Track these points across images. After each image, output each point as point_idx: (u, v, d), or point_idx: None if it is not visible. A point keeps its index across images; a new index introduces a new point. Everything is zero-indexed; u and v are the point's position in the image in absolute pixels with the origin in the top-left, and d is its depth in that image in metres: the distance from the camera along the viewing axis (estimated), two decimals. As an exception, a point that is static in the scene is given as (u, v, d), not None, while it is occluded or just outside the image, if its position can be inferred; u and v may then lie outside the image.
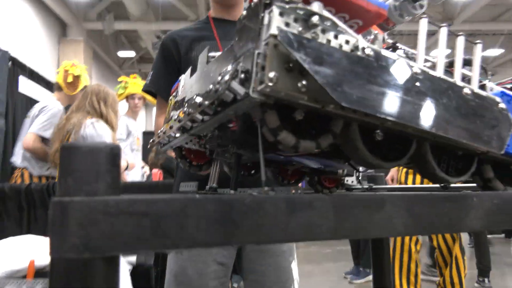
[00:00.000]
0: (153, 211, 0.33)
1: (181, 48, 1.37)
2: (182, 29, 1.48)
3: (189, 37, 1.39)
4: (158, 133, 0.80)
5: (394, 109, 0.42)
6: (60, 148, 0.33)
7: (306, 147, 0.44)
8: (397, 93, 0.42)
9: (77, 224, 0.31)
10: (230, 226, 0.35)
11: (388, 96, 0.42)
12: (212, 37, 1.38)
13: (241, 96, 0.41)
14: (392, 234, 0.43)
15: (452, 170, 0.55)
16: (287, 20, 0.40)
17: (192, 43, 1.37)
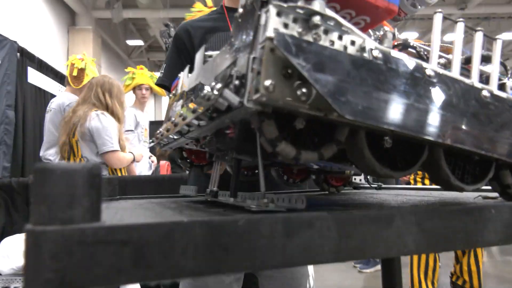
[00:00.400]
0: (134, 238, 0.30)
1: (195, 40, 1.33)
2: (195, 19, 1.43)
3: (203, 28, 1.35)
4: (156, 133, 0.77)
5: (404, 119, 0.38)
6: (33, 170, 0.30)
7: (308, 159, 0.41)
8: (409, 100, 0.38)
9: (51, 256, 0.28)
10: (221, 252, 0.32)
11: (398, 105, 0.38)
12: (226, 27, 1.33)
13: (235, 106, 0.37)
14: (402, 253, 0.40)
15: (468, 176, 0.51)
16: (285, 21, 0.36)
17: (205, 34, 1.33)
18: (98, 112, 2.29)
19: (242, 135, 0.49)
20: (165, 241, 0.31)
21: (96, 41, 8.84)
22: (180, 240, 0.31)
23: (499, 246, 3.13)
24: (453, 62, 0.46)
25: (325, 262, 0.36)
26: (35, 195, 0.29)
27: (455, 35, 0.48)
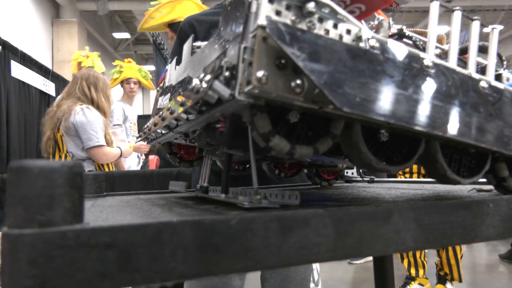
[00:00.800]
0: (120, 241, 0.28)
1: (199, 34, 1.30)
2: (200, 13, 1.40)
3: (207, 22, 1.32)
4: (144, 128, 0.74)
5: (403, 111, 0.36)
6: (8, 169, 0.28)
7: (303, 153, 0.39)
8: (407, 92, 0.37)
9: (29, 261, 0.26)
10: (213, 254, 0.30)
11: (397, 96, 0.36)
12: None
13: (225, 98, 0.35)
14: (400, 249, 0.38)
15: (464, 169, 0.50)
16: (278, 8, 0.34)
17: (210, 28, 1.30)
18: (83, 106, 2.24)
19: (233, 129, 0.47)
20: (153, 243, 0.29)
21: (81, 34, 8.69)
22: (169, 241, 0.29)
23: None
24: (450, 52, 0.45)
25: (321, 261, 0.34)
26: (10, 196, 0.27)
27: (452, 25, 0.47)
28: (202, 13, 1.40)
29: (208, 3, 6.30)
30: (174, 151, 0.80)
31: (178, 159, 0.80)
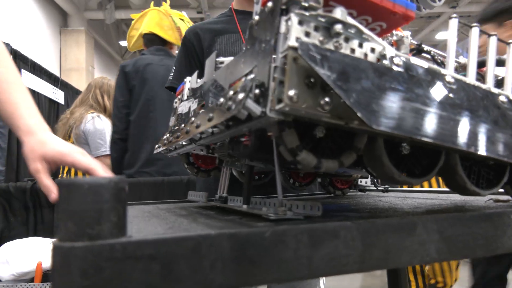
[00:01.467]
0: (162, 253, 0.30)
1: (204, 42, 1.33)
2: (204, 22, 1.43)
3: (212, 30, 1.35)
4: (163, 139, 0.76)
5: (427, 128, 0.37)
6: (58, 185, 0.29)
7: (329, 167, 0.40)
8: (430, 108, 0.38)
9: (81, 273, 0.27)
10: (249, 265, 0.32)
11: (421, 113, 0.37)
12: (235, 29, 1.33)
13: (256, 115, 0.37)
14: (425, 261, 0.39)
15: (483, 181, 0.51)
16: (307, 29, 0.36)
17: (215, 36, 1.33)
18: (93, 114, 2.27)
19: (258, 142, 0.49)
20: (193, 255, 0.30)
21: (89, 42, 8.79)
22: (207, 253, 0.31)
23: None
24: (469, 67, 0.46)
25: (350, 273, 0.36)
26: (61, 211, 0.29)
27: (470, 40, 0.48)
28: (206, 22, 1.43)
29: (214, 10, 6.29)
30: (191, 161, 0.82)
31: (195, 169, 0.82)
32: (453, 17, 0.46)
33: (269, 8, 0.40)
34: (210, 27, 1.36)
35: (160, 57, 2.25)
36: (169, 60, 2.25)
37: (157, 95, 2.11)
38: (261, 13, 0.43)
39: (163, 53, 2.27)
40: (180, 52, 1.41)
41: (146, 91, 2.12)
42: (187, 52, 1.37)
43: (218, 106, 0.45)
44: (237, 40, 1.32)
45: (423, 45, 0.53)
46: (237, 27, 1.33)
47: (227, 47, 1.31)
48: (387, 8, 0.42)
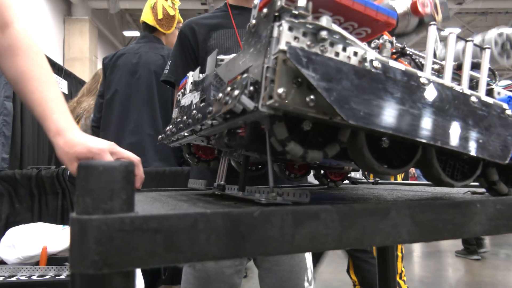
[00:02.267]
0: (165, 227, 0.35)
1: (199, 37, 1.37)
2: (200, 17, 1.47)
3: (207, 25, 1.39)
4: (166, 130, 0.81)
5: (401, 124, 0.42)
6: (78, 166, 0.34)
7: (314, 157, 0.45)
8: (405, 107, 0.43)
9: (96, 241, 0.33)
10: (239, 240, 0.37)
11: (396, 111, 0.42)
12: (230, 25, 1.37)
13: (250, 110, 0.41)
14: (397, 242, 0.44)
15: (457, 173, 0.56)
16: (296, 35, 0.41)
17: (210, 31, 1.37)
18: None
19: (252, 134, 0.54)
20: (192, 230, 0.35)
21: (93, 32, 8.81)
22: (204, 229, 0.36)
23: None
24: (445, 70, 0.51)
25: (329, 249, 0.41)
26: (80, 188, 0.34)
27: (448, 44, 0.53)
28: (202, 16, 1.47)
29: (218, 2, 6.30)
30: (192, 152, 0.87)
31: (196, 159, 0.87)
32: (432, 24, 0.51)
33: (264, 13, 0.45)
34: (205, 21, 1.41)
35: (139, 45, 2.23)
36: (147, 46, 2.20)
37: (123, 85, 2.12)
38: (257, 17, 0.47)
39: (145, 40, 2.25)
40: (175, 46, 1.46)
41: (115, 81, 2.14)
42: (183, 46, 1.41)
43: (217, 101, 0.50)
44: (231, 35, 1.36)
45: (406, 48, 0.58)
46: (232, 22, 1.37)
47: (222, 42, 1.35)
48: (370, 16, 0.46)
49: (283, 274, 1.35)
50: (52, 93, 0.87)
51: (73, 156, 0.81)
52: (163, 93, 2.13)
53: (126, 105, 2.09)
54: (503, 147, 0.50)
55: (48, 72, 0.90)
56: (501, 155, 0.50)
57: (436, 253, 5.50)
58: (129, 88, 2.11)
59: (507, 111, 0.52)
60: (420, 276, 4.32)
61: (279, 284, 1.35)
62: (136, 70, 2.11)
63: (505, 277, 4.21)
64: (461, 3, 9.24)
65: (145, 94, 2.10)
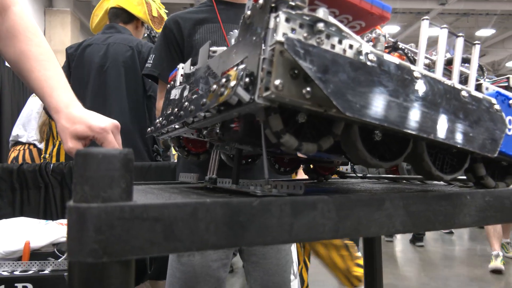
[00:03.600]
0: (165, 216, 0.35)
1: (184, 31, 1.37)
2: (185, 11, 1.46)
3: (192, 19, 1.38)
4: (156, 122, 0.81)
5: (395, 116, 0.43)
6: (75, 154, 0.34)
7: (308, 149, 0.46)
8: (398, 99, 0.44)
9: (95, 229, 0.32)
10: (238, 229, 0.37)
11: (390, 103, 0.43)
12: (215, 19, 1.37)
13: (245, 101, 0.42)
14: (391, 231, 0.45)
15: (446, 167, 0.57)
16: (293, 26, 0.41)
17: (195, 25, 1.36)
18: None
19: (246, 127, 0.54)
20: (191, 218, 0.35)
21: (75, 24, 8.64)
22: (203, 217, 0.36)
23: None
24: (437, 64, 0.52)
25: (326, 239, 0.41)
26: (78, 176, 0.34)
27: (439, 40, 0.54)
28: (187, 11, 1.46)
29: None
30: (182, 145, 0.87)
31: (186, 152, 0.87)
32: (424, 19, 0.52)
33: (260, 4, 0.45)
34: (191, 16, 1.40)
35: (106, 35, 2.14)
36: (115, 37, 2.12)
37: (92, 79, 2.07)
38: (252, 9, 0.48)
39: (113, 30, 2.17)
40: (159, 40, 1.45)
41: (83, 75, 2.08)
42: (167, 40, 1.40)
43: (211, 92, 0.50)
44: (217, 30, 1.36)
45: (399, 43, 0.59)
46: (217, 17, 1.37)
47: (208, 36, 1.35)
48: (365, 9, 0.47)
49: (270, 267, 1.36)
50: (51, 71, 0.87)
51: (73, 134, 0.78)
52: (132, 85, 2.07)
53: (95, 100, 2.03)
54: (491, 141, 0.51)
55: (46, 51, 0.90)
56: (490, 148, 0.51)
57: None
58: (97, 81, 2.05)
59: (495, 105, 0.53)
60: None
61: (266, 277, 1.36)
62: (104, 63, 2.04)
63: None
64: (444, 4, 9.40)
65: (113, 88, 2.04)
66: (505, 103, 0.56)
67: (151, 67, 1.44)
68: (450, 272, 4.17)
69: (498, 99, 0.56)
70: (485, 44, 12.18)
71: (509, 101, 0.57)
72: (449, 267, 4.41)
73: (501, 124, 0.53)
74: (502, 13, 10.60)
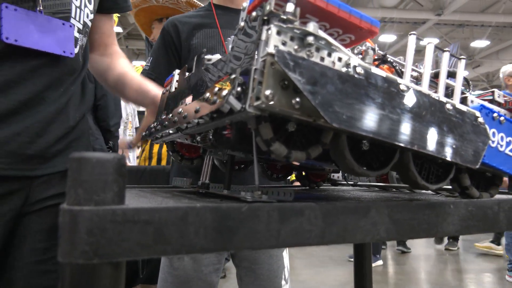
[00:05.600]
0: (155, 219, 0.36)
1: (182, 35, 1.38)
2: (184, 15, 1.48)
3: (191, 23, 1.39)
4: (150, 127, 0.82)
5: (381, 127, 0.45)
6: (70, 159, 0.35)
7: (297, 157, 0.47)
8: (385, 111, 0.45)
9: (87, 231, 0.34)
10: (227, 233, 0.38)
11: (376, 115, 0.44)
12: (213, 24, 1.39)
13: (237, 110, 0.43)
14: (376, 239, 0.47)
15: (432, 177, 0.59)
16: (284, 39, 0.42)
17: (193, 30, 1.38)
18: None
19: (238, 134, 0.55)
20: (181, 222, 0.37)
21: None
22: (193, 222, 0.37)
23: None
24: (423, 78, 0.54)
25: (312, 245, 0.43)
26: (72, 180, 0.35)
27: (425, 54, 0.55)
28: (185, 15, 1.48)
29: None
30: (176, 150, 0.88)
31: (180, 157, 0.88)
32: (412, 34, 0.53)
33: (253, 17, 0.47)
34: (189, 20, 1.42)
35: None
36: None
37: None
38: (246, 20, 0.49)
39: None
40: (157, 43, 1.46)
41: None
42: (165, 43, 1.42)
43: (204, 100, 0.51)
44: (215, 35, 1.38)
45: (387, 56, 0.61)
46: (216, 22, 1.39)
47: (205, 41, 1.36)
48: (354, 23, 0.49)
49: (261, 272, 1.37)
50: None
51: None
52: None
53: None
54: (474, 153, 0.53)
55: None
56: (472, 160, 0.53)
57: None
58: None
59: (479, 118, 0.55)
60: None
61: (258, 282, 1.37)
62: None
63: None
64: (439, 14, 9.51)
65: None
66: (489, 116, 0.58)
67: (149, 69, 1.45)
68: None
69: (482, 112, 0.58)
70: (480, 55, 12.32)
71: (493, 114, 0.59)
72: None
73: (484, 137, 0.54)
74: (497, 25, 10.74)
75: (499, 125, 0.60)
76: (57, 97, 0.93)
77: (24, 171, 0.88)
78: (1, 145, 0.83)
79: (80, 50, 0.99)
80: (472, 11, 9.88)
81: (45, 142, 0.90)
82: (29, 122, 0.87)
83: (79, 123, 1.03)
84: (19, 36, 0.81)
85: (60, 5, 0.91)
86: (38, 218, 0.93)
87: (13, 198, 0.88)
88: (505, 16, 9.70)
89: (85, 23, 1.00)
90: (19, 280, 0.91)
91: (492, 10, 9.93)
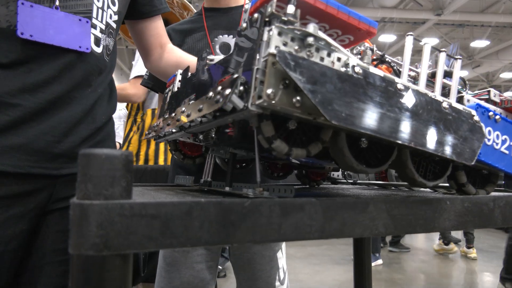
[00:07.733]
0: (162, 213, 0.37)
1: (174, 43, 1.41)
2: (178, 23, 1.52)
3: (182, 30, 1.43)
4: (153, 126, 0.83)
5: (378, 125, 0.46)
6: (80, 154, 0.37)
7: (298, 154, 0.49)
8: (383, 110, 0.47)
9: (97, 225, 0.35)
10: (230, 227, 0.40)
11: (374, 113, 0.46)
12: (201, 28, 1.42)
13: (239, 108, 0.44)
14: (374, 233, 0.48)
15: (429, 174, 0.60)
16: (285, 39, 0.44)
17: (184, 36, 1.41)
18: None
19: (241, 132, 0.57)
20: (186, 216, 0.38)
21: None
22: (198, 216, 0.39)
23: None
24: (420, 77, 0.55)
25: (312, 239, 0.44)
26: (82, 175, 0.36)
27: (423, 54, 0.57)
28: (179, 23, 1.53)
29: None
30: (179, 148, 0.89)
31: (182, 156, 0.89)
32: (409, 35, 0.55)
33: (255, 18, 0.48)
34: (181, 27, 1.46)
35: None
36: None
37: None
38: (248, 21, 0.51)
39: None
40: None
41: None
42: None
43: (207, 99, 0.52)
44: (203, 38, 1.41)
45: (386, 56, 0.62)
46: (204, 25, 1.42)
47: (194, 45, 1.40)
48: (353, 24, 0.50)
49: (253, 272, 1.39)
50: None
51: None
52: None
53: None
54: (470, 150, 0.54)
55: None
56: (468, 157, 0.54)
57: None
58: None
59: (475, 117, 0.56)
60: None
61: (251, 282, 1.39)
62: None
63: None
64: (439, 14, 9.52)
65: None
66: (485, 115, 0.60)
67: (147, 79, 1.50)
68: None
69: (478, 111, 0.59)
70: (480, 55, 12.33)
71: (488, 113, 0.60)
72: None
73: (479, 135, 0.56)
74: (496, 25, 10.75)
75: (495, 124, 0.61)
76: (84, 97, 0.94)
77: (50, 169, 0.89)
78: (29, 144, 0.85)
79: (105, 50, 1.00)
80: (472, 11, 9.89)
81: (71, 142, 0.92)
82: (57, 122, 0.88)
83: (106, 125, 1.04)
84: (35, 32, 0.82)
85: (81, 5, 0.92)
86: (60, 218, 0.95)
87: (38, 196, 0.89)
88: (505, 16, 9.71)
89: (108, 24, 1.00)
90: (40, 279, 0.92)
91: (492, 10, 9.94)
